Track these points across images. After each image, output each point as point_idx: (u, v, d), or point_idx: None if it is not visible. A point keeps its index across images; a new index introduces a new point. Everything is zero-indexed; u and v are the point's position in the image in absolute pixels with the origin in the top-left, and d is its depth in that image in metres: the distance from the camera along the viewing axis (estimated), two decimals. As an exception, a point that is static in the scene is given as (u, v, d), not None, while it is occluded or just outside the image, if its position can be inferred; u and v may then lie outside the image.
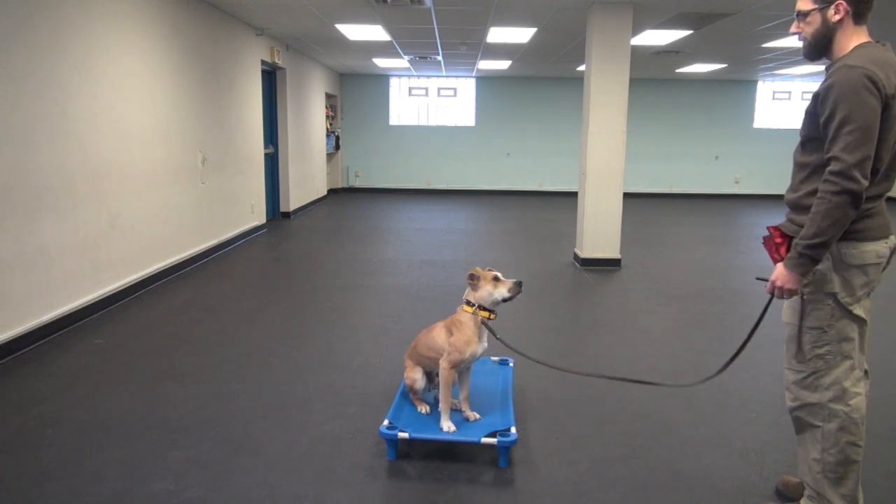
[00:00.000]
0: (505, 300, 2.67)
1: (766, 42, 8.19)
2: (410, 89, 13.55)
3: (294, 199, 9.81)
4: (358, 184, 13.70)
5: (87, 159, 4.47)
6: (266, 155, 8.72)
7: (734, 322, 4.75)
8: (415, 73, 12.96)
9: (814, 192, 1.99)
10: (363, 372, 3.63)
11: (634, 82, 9.30)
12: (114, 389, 3.33)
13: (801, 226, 2.01)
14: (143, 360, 3.77)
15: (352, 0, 6.23)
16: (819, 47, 2.06)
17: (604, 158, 6.36)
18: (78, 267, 4.39)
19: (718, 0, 6.01)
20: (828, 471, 2.08)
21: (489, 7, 6.40)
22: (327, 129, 12.24)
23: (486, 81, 13.41)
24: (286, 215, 9.61)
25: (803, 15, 2.05)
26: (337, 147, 13.10)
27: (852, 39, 2.01)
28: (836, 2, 1.98)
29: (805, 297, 2.07)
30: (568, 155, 13.16)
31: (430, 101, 13.62)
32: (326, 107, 12.08)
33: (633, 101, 7.45)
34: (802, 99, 13.54)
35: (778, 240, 2.10)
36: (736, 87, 13.33)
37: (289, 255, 7.21)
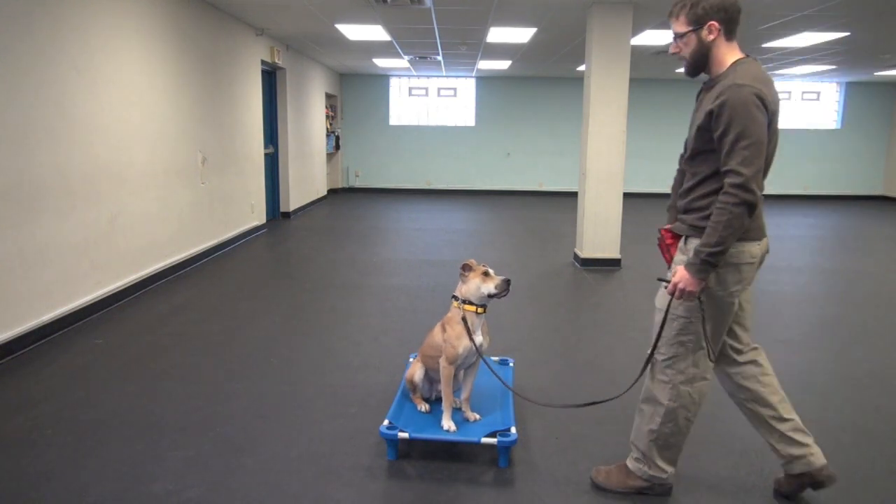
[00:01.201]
0: (491, 296, 2.67)
1: (766, 42, 8.18)
2: (410, 89, 13.55)
3: (294, 199, 9.81)
4: (358, 184, 13.70)
5: (86, 159, 4.47)
6: (266, 155, 8.72)
7: (734, 322, 4.75)
8: (415, 73, 12.96)
9: (704, 196, 2.18)
10: (363, 372, 3.63)
11: (634, 82, 9.30)
12: (114, 389, 3.33)
13: (692, 226, 2.20)
14: (143, 360, 3.77)
15: (352, 0, 6.23)
16: (698, 65, 2.21)
17: (604, 158, 6.36)
18: (78, 267, 4.39)
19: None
20: (660, 439, 2.32)
21: (489, 7, 6.40)
22: (327, 129, 12.24)
23: (486, 81, 13.41)
24: (286, 215, 9.61)
25: (680, 36, 2.20)
26: (337, 147, 13.10)
27: (727, 55, 2.17)
28: (709, 23, 2.13)
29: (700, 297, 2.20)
30: (568, 155, 13.17)
31: (430, 101, 13.62)
32: (326, 107, 12.08)
33: (633, 101, 7.45)
34: (803, 99, 13.54)
35: (669, 241, 2.32)
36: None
37: (289, 255, 7.21)
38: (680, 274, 2.14)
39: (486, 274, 2.69)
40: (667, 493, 2.41)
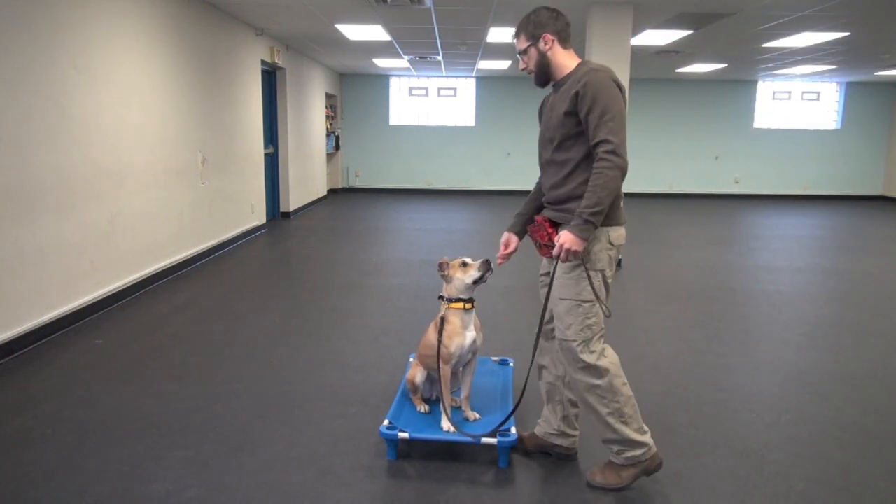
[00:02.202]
0: (476, 281, 2.71)
1: (766, 42, 8.18)
2: (410, 89, 13.55)
3: (294, 199, 9.81)
4: (358, 184, 13.70)
5: (86, 159, 4.47)
6: (266, 155, 8.72)
7: (734, 322, 4.75)
8: (415, 73, 12.95)
9: (584, 183, 2.34)
10: (363, 372, 3.63)
11: (634, 82, 9.30)
12: (114, 389, 3.33)
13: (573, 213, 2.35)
14: (143, 360, 3.77)
15: (352, 0, 6.23)
16: (543, 73, 2.48)
17: (604, 158, 6.35)
18: (78, 267, 4.39)
19: (718, 0, 6.01)
20: (620, 416, 2.40)
21: (489, 7, 6.40)
22: (327, 129, 12.24)
23: (486, 81, 13.41)
24: (286, 215, 9.61)
25: (523, 52, 2.48)
26: (337, 147, 13.10)
27: (567, 60, 2.44)
28: (542, 35, 2.41)
29: (580, 274, 2.40)
30: (568, 155, 13.14)
31: (430, 101, 13.62)
32: (326, 107, 12.08)
33: (633, 101, 7.44)
34: (802, 99, 13.54)
35: (549, 229, 2.54)
36: (736, 87, 13.33)
37: (289, 255, 7.21)
38: (564, 236, 2.31)
39: (464, 265, 2.74)
40: (660, 465, 2.49)
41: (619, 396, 2.39)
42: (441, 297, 2.75)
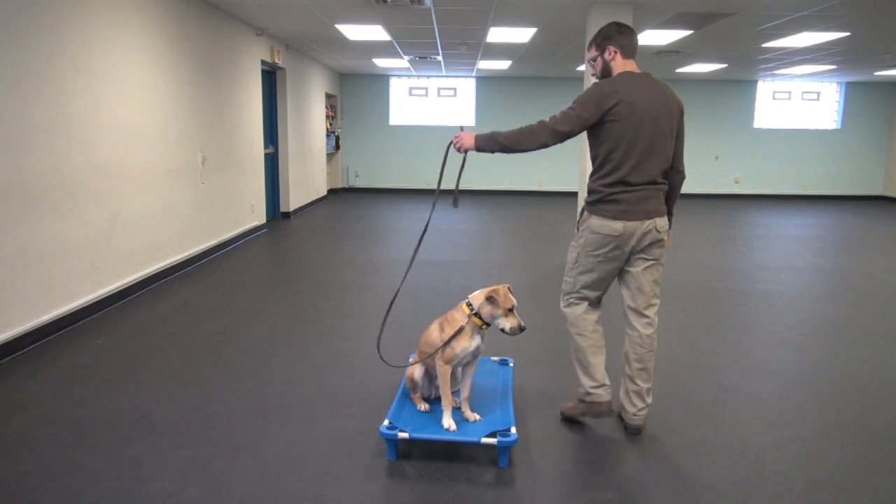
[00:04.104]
0: (502, 330, 2.70)
1: (766, 42, 8.18)
2: (410, 89, 13.55)
3: (294, 199, 9.81)
4: (358, 184, 13.70)
5: (87, 159, 4.47)
6: (266, 155, 8.72)
7: (734, 322, 4.75)
8: (415, 73, 12.95)
9: (592, 177, 2.89)
10: (363, 372, 3.63)
11: (634, 82, 9.29)
12: (114, 389, 3.33)
13: (587, 202, 2.89)
14: (143, 360, 3.77)
15: (352, 0, 6.23)
16: (606, 77, 2.87)
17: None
18: (78, 267, 4.39)
19: (718, 0, 6.01)
20: (576, 357, 3.00)
21: (489, 7, 6.40)
22: (327, 129, 12.24)
23: (486, 81, 13.41)
24: (286, 215, 9.61)
25: (592, 60, 2.91)
26: (337, 147, 13.09)
27: (620, 67, 2.83)
28: (608, 48, 2.84)
29: (572, 244, 2.95)
30: (568, 155, 13.15)
31: (430, 101, 13.61)
32: (326, 107, 12.08)
33: (633, 101, 7.44)
34: (802, 99, 13.54)
35: None
36: (736, 87, 13.33)
37: (289, 255, 7.21)
38: (466, 134, 2.89)
39: (510, 310, 2.70)
40: (603, 414, 2.93)
41: (572, 343, 2.98)
42: (470, 305, 2.73)
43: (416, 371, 2.90)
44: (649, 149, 2.71)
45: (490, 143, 2.79)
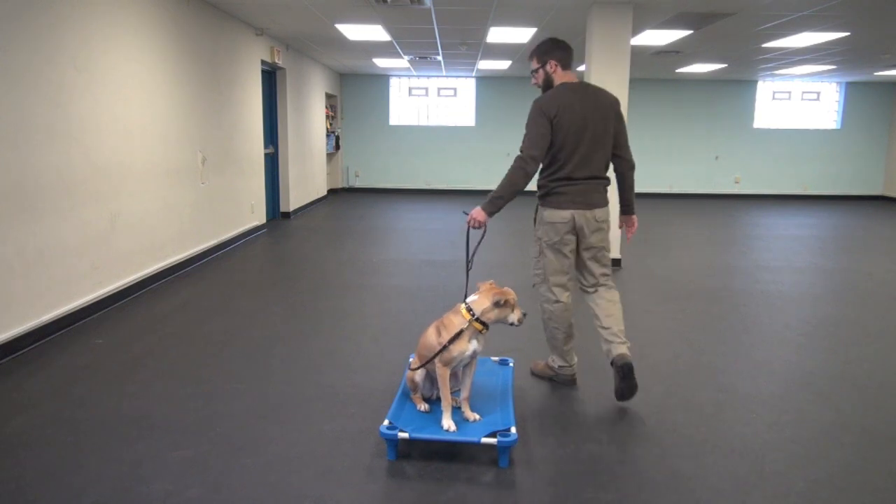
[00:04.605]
0: (511, 324, 2.79)
1: (766, 42, 8.18)
2: (410, 89, 13.55)
3: (294, 199, 9.81)
4: (358, 184, 13.70)
5: (87, 159, 4.47)
6: (266, 155, 8.72)
7: (734, 322, 4.75)
8: (415, 73, 12.95)
9: (540, 174, 3.34)
10: (363, 372, 3.63)
11: (634, 82, 9.30)
12: (114, 389, 3.33)
13: (538, 196, 3.37)
14: (143, 360, 3.77)
15: (352, 0, 6.23)
16: (546, 89, 3.29)
17: (604, 158, 6.35)
18: (78, 267, 4.39)
19: (718, 0, 6.01)
20: (548, 341, 3.44)
21: (489, 7, 6.40)
22: (327, 129, 12.24)
23: (486, 81, 13.41)
24: (286, 215, 9.61)
25: (534, 71, 3.30)
26: (337, 147, 13.09)
27: (561, 78, 3.25)
28: (549, 61, 3.24)
29: (534, 240, 3.39)
30: (568, 155, 13.14)
31: (430, 101, 13.62)
32: (326, 107, 12.08)
33: (633, 101, 7.45)
34: (802, 99, 13.54)
35: None
36: (736, 87, 13.33)
37: (289, 255, 7.21)
38: (474, 210, 3.23)
39: (514, 307, 2.79)
40: (566, 383, 3.45)
41: (547, 331, 3.41)
42: (470, 311, 2.73)
43: (417, 372, 2.90)
44: (589, 149, 3.17)
45: (496, 205, 3.20)
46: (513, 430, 2.64)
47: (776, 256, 7.32)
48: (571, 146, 3.15)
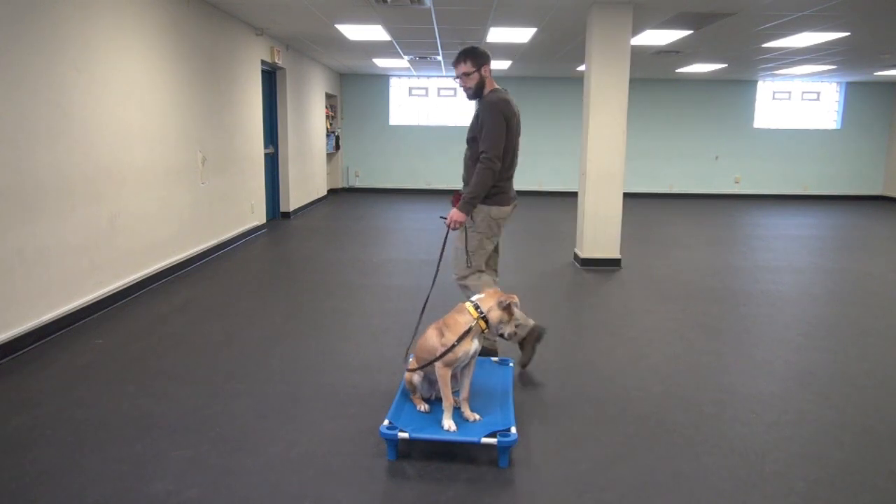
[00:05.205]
0: (501, 335, 2.85)
1: (766, 42, 8.18)
2: (410, 89, 13.55)
3: (294, 199, 9.81)
4: (358, 184, 13.70)
5: (86, 159, 4.47)
6: (266, 155, 8.72)
7: (734, 322, 4.75)
8: (415, 73, 12.95)
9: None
10: (363, 372, 3.63)
11: (634, 82, 9.29)
12: (114, 389, 3.33)
13: None
14: (143, 360, 3.77)
15: (352, 0, 6.23)
16: (478, 92, 3.56)
17: (604, 158, 6.36)
18: (78, 267, 4.39)
19: (718, 0, 6.01)
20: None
21: (489, 7, 6.40)
22: (327, 129, 12.24)
23: (486, 81, 13.38)
24: (286, 215, 9.61)
25: (467, 75, 3.51)
26: (337, 147, 13.09)
27: (490, 83, 3.59)
28: (483, 66, 3.52)
29: (469, 234, 3.59)
30: (568, 155, 13.16)
31: (430, 101, 13.61)
32: (326, 107, 12.08)
33: (633, 101, 7.45)
34: (802, 99, 13.54)
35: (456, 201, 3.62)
36: (736, 87, 13.33)
37: (289, 255, 7.21)
38: (453, 212, 3.49)
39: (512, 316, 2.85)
40: (539, 334, 3.63)
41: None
42: (478, 308, 2.75)
43: (415, 374, 2.90)
44: (516, 150, 3.60)
45: (472, 205, 3.48)
46: (513, 430, 2.64)
47: (776, 256, 7.32)
48: (513, 148, 3.56)
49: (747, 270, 6.52)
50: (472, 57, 3.50)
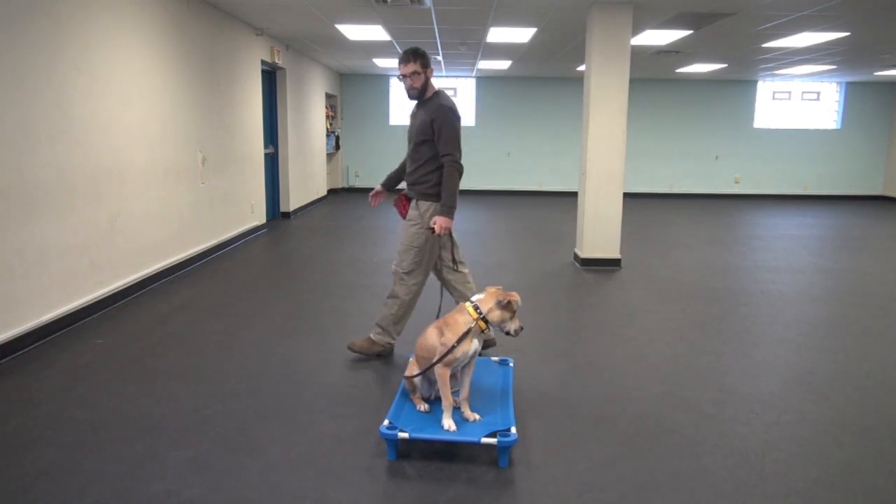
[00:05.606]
0: (507, 333, 2.80)
1: (766, 42, 8.18)
2: (410, 89, 13.53)
3: (294, 199, 9.81)
4: (358, 184, 13.70)
5: (86, 159, 4.47)
6: (266, 155, 8.72)
7: (734, 322, 4.75)
8: (415, 73, 12.93)
9: (429, 173, 3.63)
10: (363, 372, 3.63)
11: (634, 82, 9.30)
12: (114, 389, 3.33)
13: (423, 193, 3.66)
14: (143, 360, 3.77)
15: (352, 0, 6.23)
16: (423, 92, 3.70)
17: (604, 158, 6.36)
18: (78, 267, 4.39)
19: (718, 0, 6.01)
20: (396, 317, 3.77)
21: (489, 7, 6.40)
22: (327, 129, 12.24)
23: (486, 81, 13.41)
24: (286, 215, 9.61)
25: (417, 74, 3.61)
26: (337, 147, 13.09)
27: (432, 86, 3.73)
28: (428, 68, 3.63)
29: (417, 230, 3.63)
30: (568, 155, 13.16)
31: (430, 101, 13.59)
32: (326, 107, 12.08)
33: (633, 101, 7.45)
34: (802, 99, 13.54)
35: (404, 201, 3.78)
36: (736, 87, 13.33)
37: (289, 255, 7.21)
38: (440, 220, 3.53)
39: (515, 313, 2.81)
40: (390, 353, 3.83)
41: (401, 306, 3.74)
42: (477, 308, 2.75)
43: (415, 373, 2.90)
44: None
45: (452, 209, 3.57)
46: (513, 430, 2.64)
47: (776, 256, 7.32)
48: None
49: (747, 270, 6.52)
50: (421, 57, 3.59)
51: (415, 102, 3.81)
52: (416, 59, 3.59)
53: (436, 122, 3.55)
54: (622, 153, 6.37)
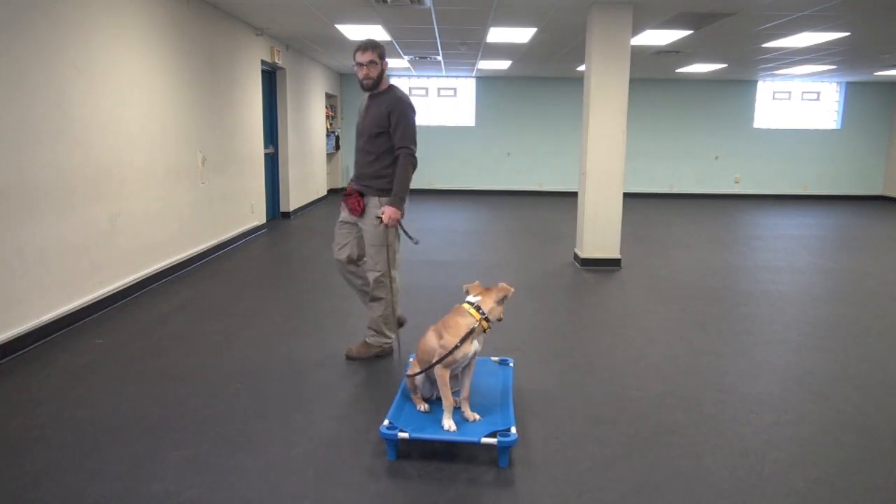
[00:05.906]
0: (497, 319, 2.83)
1: (766, 42, 8.18)
2: (410, 89, 13.54)
3: (294, 199, 9.81)
4: (358, 184, 13.67)
5: (86, 159, 4.47)
6: (266, 155, 8.72)
7: (734, 322, 4.75)
8: (415, 73, 12.95)
9: (385, 168, 3.59)
10: (363, 372, 3.63)
11: (634, 82, 9.30)
12: (114, 389, 3.33)
13: (379, 189, 3.60)
14: (143, 360, 3.77)
15: (352, 0, 6.23)
16: (377, 84, 3.62)
17: (604, 158, 6.36)
18: (78, 267, 4.39)
19: (718, 0, 6.01)
20: (385, 317, 3.77)
21: (489, 7, 6.40)
22: (327, 129, 12.24)
23: (486, 81, 13.41)
24: (286, 215, 9.61)
25: (374, 63, 3.55)
26: (337, 147, 13.09)
27: (386, 80, 3.69)
28: (384, 61, 3.60)
29: (384, 228, 3.60)
30: (568, 155, 13.16)
31: (430, 101, 13.61)
32: (326, 107, 12.08)
33: (633, 101, 7.45)
34: (802, 99, 13.54)
35: (357, 198, 3.65)
36: (736, 87, 13.33)
37: (289, 255, 7.21)
38: (389, 211, 3.52)
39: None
40: (390, 353, 3.84)
41: (387, 307, 3.73)
42: (479, 309, 2.75)
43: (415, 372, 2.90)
44: None
45: (403, 201, 3.58)
46: (513, 430, 2.64)
47: (776, 256, 7.32)
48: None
49: (747, 270, 6.52)
50: (380, 48, 3.58)
51: (366, 96, 3.74)
52: (375, 49, 3.57)
53: (393, 115, 3.53)
54: (622, 153, 6.36)
